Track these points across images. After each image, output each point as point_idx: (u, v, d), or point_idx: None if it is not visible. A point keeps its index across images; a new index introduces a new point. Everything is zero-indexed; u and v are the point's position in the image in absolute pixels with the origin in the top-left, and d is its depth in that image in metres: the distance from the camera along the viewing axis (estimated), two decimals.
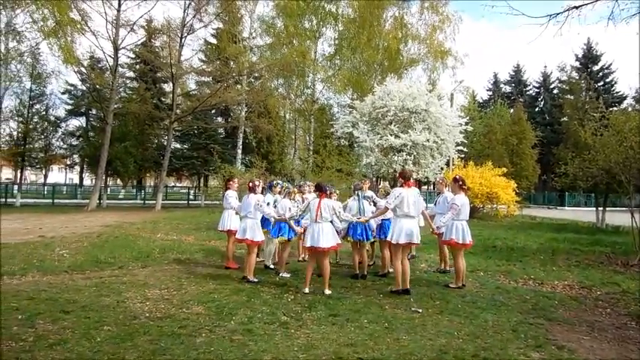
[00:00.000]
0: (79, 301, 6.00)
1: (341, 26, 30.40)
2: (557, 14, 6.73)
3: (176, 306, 5.91)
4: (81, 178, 47.14)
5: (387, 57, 29.51)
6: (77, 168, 47.47)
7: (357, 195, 8.06)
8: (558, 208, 37.47)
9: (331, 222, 6.97)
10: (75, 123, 42.63)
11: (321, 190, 6.95)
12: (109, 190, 36.38)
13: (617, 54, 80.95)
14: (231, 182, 9.11)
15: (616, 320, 5.81)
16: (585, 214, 25.92)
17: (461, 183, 7.55)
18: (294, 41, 29.26)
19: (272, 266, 8.65)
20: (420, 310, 5.92)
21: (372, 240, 8.29)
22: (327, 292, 6.70)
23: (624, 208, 27.68)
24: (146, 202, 31.38)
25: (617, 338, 5.12)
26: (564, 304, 6.50)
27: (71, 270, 8.02)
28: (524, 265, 9.41)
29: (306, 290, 6.74)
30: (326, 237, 6.72)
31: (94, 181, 35.82)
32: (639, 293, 7.10)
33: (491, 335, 5.01)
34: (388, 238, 6.97)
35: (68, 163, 46.23)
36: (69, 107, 40.73)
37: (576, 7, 6.61)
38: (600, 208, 19.02)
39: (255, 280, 7.43)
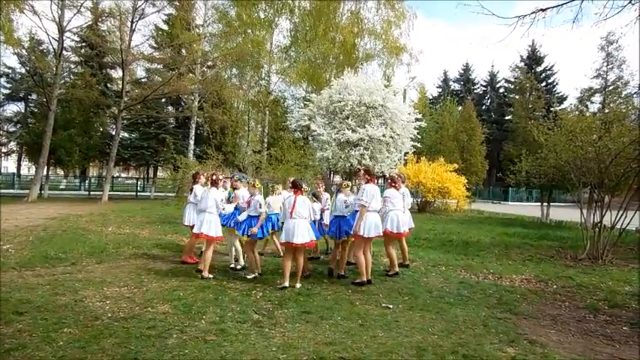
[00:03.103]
0: (32, 300, 5.60)
1: (297, 18, 30.09)
2: (524, 16, 6.89)
3: (140, 305, 5.64)
4: (19, 167, 44.51)
5: (343, 51, 29.49)
6: (14, 156, 44.71)
7: (335, 194, 8.00)
8: (502, 202, 39.06)
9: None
10: (13, 108, 40.09)
11: (296, 187, 6.89)
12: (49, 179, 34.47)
13: (558, 56, 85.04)
14: (199, 176, 8.81)
15: (575, 314, 6.05)
16: (528, 209, 27.12)
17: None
18: (249, 31, 28.70)
19: (238, 266, 8.29)
20: (391, 306, 5.94)
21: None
22: (298, 285, 6.72)
23: (565, 204, 29.30)
24: (91, 193, 30.05)
25: (580, 331, 5.33)
26: (526, 298, 6.72)
27: (19, 267, 7.49)
28: (481, 260, 9.69)
29: (286, 284, 6.63)
30: (301, 233, 6.67)
31: (32, 170, 33.84)
32: (593, 287, 7.45)
33: (464, 331, 5.09)
34: (360, 232, 6.97)
35: (4, 151, 43.44)
36: (6, 92, 38.21)
37: (543, 10, 6.78)
38: (545, 204, 19.90)
39: (210, 276, 7.18)
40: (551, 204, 20.74)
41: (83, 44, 32.79)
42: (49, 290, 6.12)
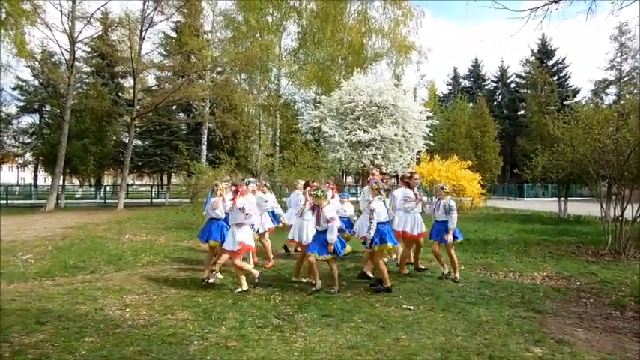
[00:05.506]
0: (53, 310, 5.63)
1: (304, 21, 30.11)
2: (537, 8, 6.79)
3: (159, 312, 5.63)
4: (35, 178, 45.06)
5: (351, 51, 29.45)
6: (30, 167, 45.29)
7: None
8: (518, 199, 38.62)
9: None
10: (28, 120, 40.62)
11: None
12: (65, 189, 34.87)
13: (569, 49, 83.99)
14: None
15: (601, 310, 5.92)
16: (544, 205, 26.77)
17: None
18: (257, 35, 28.78)
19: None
20: (412, 307, 5.86)
21: None
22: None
23: (581, 198, 28.87)
24: (107, 201, 30.37)
25: (607, 329, 5.21)
26: (549, 295, 6.59)
27: (39, 276, 7.55)
28: (501, 257, 9.55)
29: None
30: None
31: (49, 180, 34.21)
32: (617, 283, 7.29)
33: (488, 331, 5.00)
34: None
35: (21, 162, 44.02)
36: (21, 104, 38.74)
37: (556, 2, 6.68)
38: (562, 199, 19.61)
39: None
40: (569, 199, 20.45)
41: (94, 54, 33.12)
42: (70, 299, 6.15)
